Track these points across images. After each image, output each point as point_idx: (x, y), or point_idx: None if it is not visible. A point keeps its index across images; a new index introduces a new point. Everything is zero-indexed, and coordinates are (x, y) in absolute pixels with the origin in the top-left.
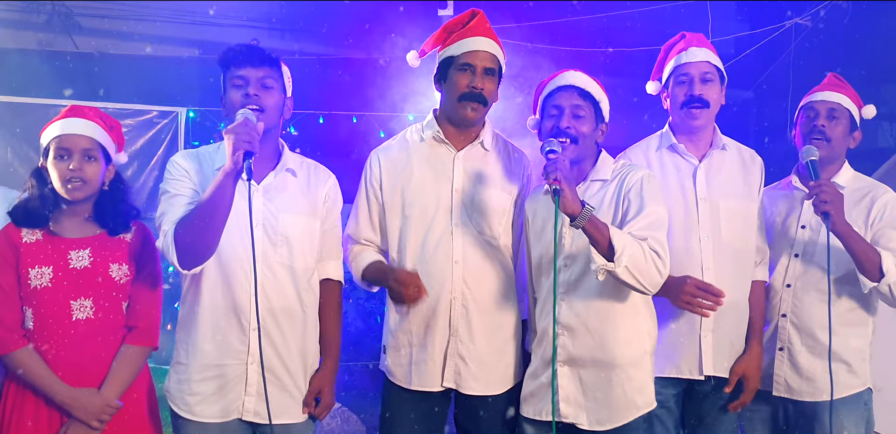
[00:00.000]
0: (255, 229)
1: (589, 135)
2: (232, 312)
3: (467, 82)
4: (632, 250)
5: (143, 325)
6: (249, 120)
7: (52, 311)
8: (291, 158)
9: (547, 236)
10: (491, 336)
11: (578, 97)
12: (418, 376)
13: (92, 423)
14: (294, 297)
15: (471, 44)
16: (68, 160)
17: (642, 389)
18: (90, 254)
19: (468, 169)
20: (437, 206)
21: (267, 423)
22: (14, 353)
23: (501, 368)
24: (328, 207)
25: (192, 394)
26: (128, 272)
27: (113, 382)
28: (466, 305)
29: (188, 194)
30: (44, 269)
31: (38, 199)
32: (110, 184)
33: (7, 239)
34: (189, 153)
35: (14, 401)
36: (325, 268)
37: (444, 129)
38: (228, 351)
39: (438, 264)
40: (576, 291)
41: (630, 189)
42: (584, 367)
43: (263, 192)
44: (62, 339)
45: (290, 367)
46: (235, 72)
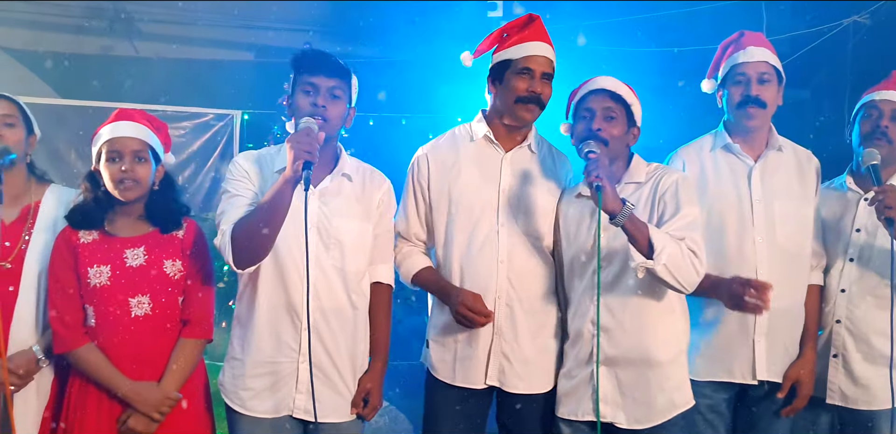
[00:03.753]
0: (310, 232)
1: (619, 137)
2: (285, 311)
3: (526, 86)
4: (671, 249)
5: (197, 319)
6: (311, 129)
7: (112, 308)
8: (348, 163)
9: (580, 238)
10: (535, 335)
11: (610, 100)
12: (462, 373)
13: (153, 415)
14: (345, 299)
15: (530, 48)
16: (120, 162)
17: (680, 388)
18: (144, 251)
19: (515, 170)
20: (484, 206)
21: (316, 421)
22: (77, 351)
23: (545, 367)
24: (381, 212)
25: (245, 389)
26: (181, 268)
27: (172, 375)
28: (511, 305)
29: (248, 195)
30: (102, 268)
31: (92, 201)
32: (160, 183)
33: (66, 240)
34: (250, 155)
35: (78, 396)
36: (377, 271)
37: (494, 129)
38: (281, 348)
39: (484, 263)
40: (612, 291)
41: (665, 191)
42: (620, 367)
43: (319, 196)
44: (122, 334)
45: (339, 366)
46: (308, 78)
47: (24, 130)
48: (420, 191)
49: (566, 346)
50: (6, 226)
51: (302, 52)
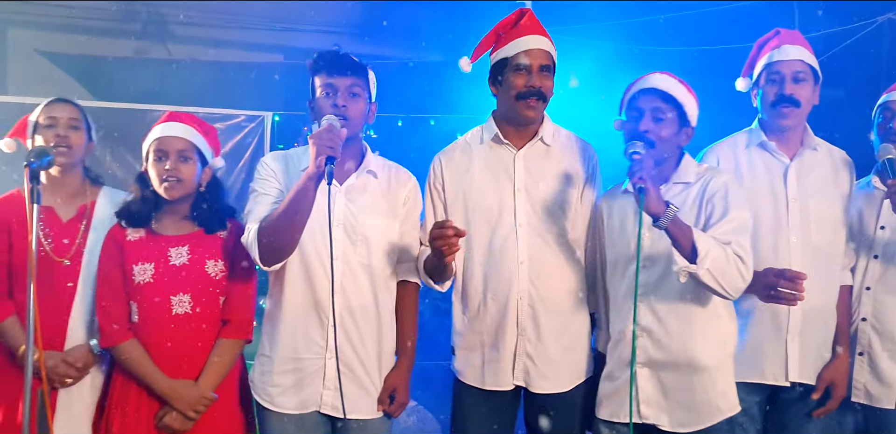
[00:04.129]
0: (336, 229)
1: (669, 138)
2: (312, 308)
3: (524, 82)
4: (715, 253)
5: (237, 319)
6: (333, 126)
7: (154, 305)
8: (374, 161)
9: (625, 236)
10: (559, 334)
11: (660, 100)
12: (491, 376)
13: (188, 413)
14: (371, 296)
15: (523, 43)
16: (165, 161)
17: (726, 394)
18: (188, 251)
19: (530, 167)
20: (501, 207)
21: (344, 418)
22: (121, 346)
23: (570, 365)
24: (408, 209)
25: (273, 385)
26: (223, 268)
27: (209, 375)
28: (533, 305)
29: (274, 194)
30: (146, 265)
31: (140, 200)
32: (207, 185)
33: (114, 238)
34: (278, 155)
35: (121, 390)
36: (404, 268)
37: (502, 129)
38: (308, 345)
39: (504, 265)
40: (655, 293)
41: (714, 193)
42: (664, 370)
43: (345, 193)
44: (162, 332)
45: (365, 363)
46: (325, 79)
47: (86, 135)
48: (437, 195)
49: (609, 347)
50: (63, 224)
51: (317, 54)
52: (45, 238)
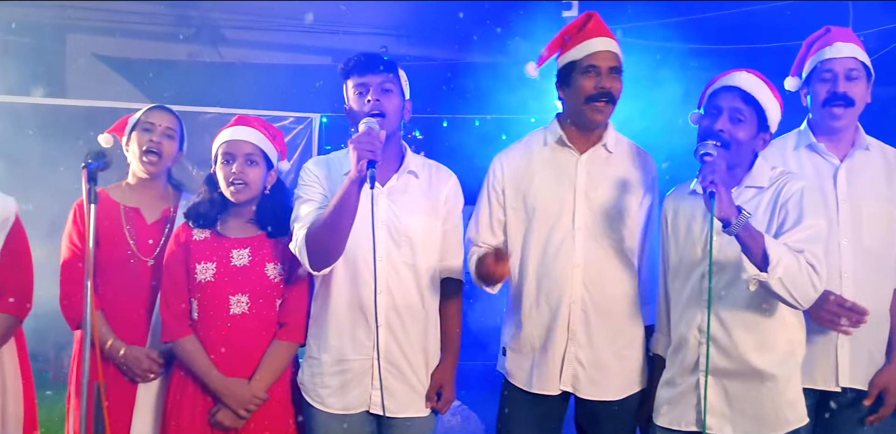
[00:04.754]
0: (380, 230)
1: (745, 141)
2: (358, 310)
3: (594, 84)
4: (787, 262)
5: (293, 323)
6: (372, 129)
7: (214, 304)
8: (413, 160)
9: (691, 240)
10: (612, 341)
11: (740, 100)
12: (539, 379)
13: (239, 411)
14: (416, 295)
15: (592, 45)
16: (232, 164)
17: (794, 404)
18: (249, 253)
19: (591, 172)
20: (560, 210)
21: (392, 416)
22: (180, 341)
23: (623, 374)
24: (449, 208)
25: (323, 386)
26: (282, 271)
27: (262, 375)
28: (586, 310)
29: (318, 199)
30: (208, 264)
31: (207, 202)
32: (272, 188)
33: (180, 236)
34: (320, 160)
35: (178, 386)
36: (447, 267)
37: (567, 132)
38: (356, 346)
39: (558, 268)
40: (722, 300)
41: (788, 199)
42: (729, 378)
43: (387, 194)
44: (220, 331)
45: (412, 362)
46: (357, 80)
47: (178, 145)
48: (495, 196)
49: (669, 352)
50: (148, 225)
51: (345, 59)
52: (131, 238)
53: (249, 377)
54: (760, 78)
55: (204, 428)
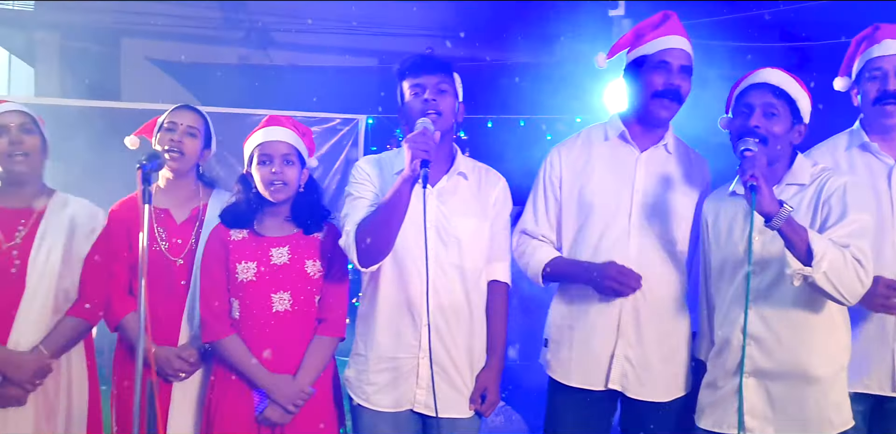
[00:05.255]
0: (428, 230)
1: (781, 135)
2: (405, 308)
3: (664, 80)
4: (832, 256)
5: (333, 318)
6: (427, 129)
7: (256, 302)
8: (464, 162)
9: (732, 240)
10: (661, 342)
11: (771, 95)
12: (579, 373)
13: (288, 406)
14: (462, 296)
15: (666, 42)
16: (270, 165)
17: (840, 407)
18: (288, 251)
19: (651, 171)
20: (617, 208)
21: (436, 416)
22: (222, 341)
23: (670, 376)
24: (498, 210)
25: (369, 383)
26: (320, 268)
27: (307, 370)
28: (637, 308)
29: (369, 197)
30: (249, 264)
31: (244, 202)
32: (305, 186)
33: (218, 238)
34: (371, 159)
35: (220, 385)
36: (494, 269)
37: (630, 129)
38: (402, 345)
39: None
40: (766, 299)
41: (831, 195)
42: (772, 380)
43: (437, 195)
44: (263, 328)
45: (457, 362)
46: (413, 80)
47: (202, 143)
48: (551, 189)
49: (712, 354)
50: (178, 225)
51: (402, 59)
52: (161, 239)
53: (294, 373)
54: (786, 72)
55: (250, 425)
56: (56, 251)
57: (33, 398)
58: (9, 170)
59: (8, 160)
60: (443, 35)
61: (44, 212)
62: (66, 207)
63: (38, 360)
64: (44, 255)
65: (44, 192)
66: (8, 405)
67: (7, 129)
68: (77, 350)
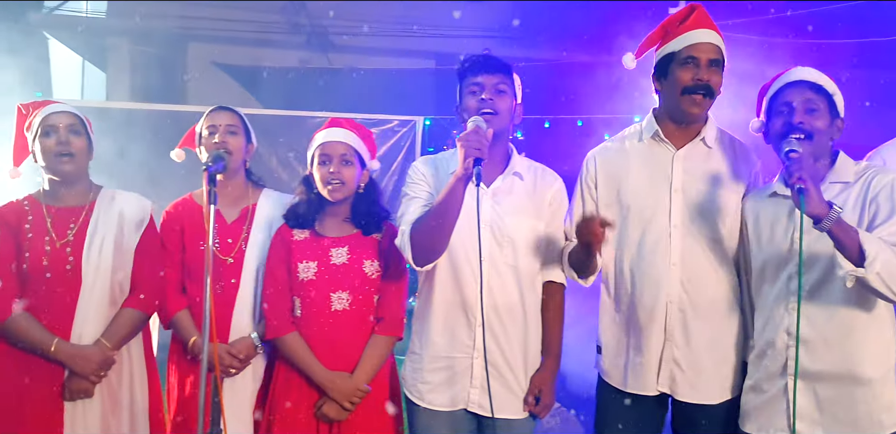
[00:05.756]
0: (483, 230)
1: (824, 131)
2: (460, 308)
3: (692, 76)
4: (885, 256)
5: (390, 317)
6: (480, 127)
7: (316, 301)
8: (519, 162)
9: (775, 240)
10: (711, 343)
11: (810, 92)
12: (633, 378)
13: (344, 403)
14: (517, 296)
15: (693, 36)
16: (329, 165)
17: (890, 408)
18: (348, 251)
19: (689, 168)
20: (655, 207)
21: (491, 416)
22: (284, 337)
23: (721, 377)
24: (553, 210)
25: (424, 382)
26: (378, 268)
27: (364, 368)
28: (684, 310)
29: (425, 197)
30: (310, 263)
31: (305, 203)
32: (365, 187)
33: (281, 237)
34: (428, 159)
35: (283, 380)
36: (549, 270)
37: (664, 127)
38: (456, 344)
39: (655, 266)
40: (812, 300)
41: (879, 192)
42: (820, 382)
43: (492, 195)
44: (322, 327)
45: (511, 363)
46: (472, 79)
47: (244, 139)
48: (588, 192)
49: (753, 357)
50: (228, 225)
51: (463, 58)
52: (213, 238)
53: (351, 371)
54: (816, 71)
55: (309, 420)
56: (107, 245)
57: (99, 390)
58: (55, 170)
59: (55, 160)
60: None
61: (92, 208)
62: (114, 201)
63: (101, 352)
64: (96, 250)
65: (91, 189)
66: (77, 398)
67: (56, 129)
68: (136, 342)
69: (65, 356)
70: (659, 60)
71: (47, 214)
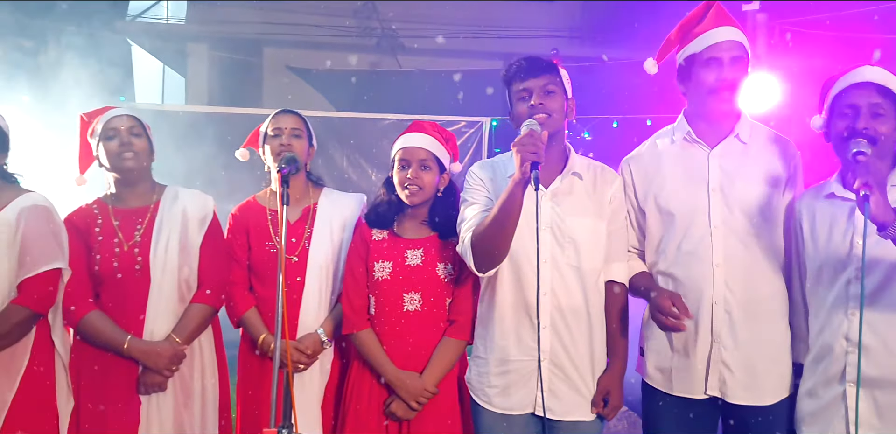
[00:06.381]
0: (544, 232)
1: (889, 135)
2: (523, 311)
3: (716, 76)
4: None
5: (461, 321)
6: (535, 131)
7: (389, 300)
8: (577, 161)
9: (833, 243)
10: (760, 343)
11: (877, 95)
12: (680, 382)
13: (411, 403)
14: (581, 297)
15: (712, 36)
16: (407, 169)
17: None
18: (422, 253)
19: (725, 166)
20: (694, 208)
21: (558, 419)
22: (359, 334)
23: (773, 378)
24: (614, 208)
25: (489, 386)
26: (452, 271)
27: (433, 370)
28: (730, 311)
29: (483, 202)
30: (385, 263)
31: (386, 204)
32: (444, 191)
33: (361, 236)
34: (485, 163)
35: (356, 375)
36: (611, 269)
37: (695, 127)
38: (520, 347)
39: (697, 268)
40: (872, 305)
41: None
42: (880, 388)
43: (551, 196)
44: (394, 326)
45: (577, 365)
46: (519, 85)
47: (307, 142)
48: (628, 201)
49: (809, 361)
50: (291, 225)
51: (506, 65)
52: (277, 238)
53: (420, 371)
54: (885, 69)
55: (380, 417)
56: (173, 243)
57: (172, 384)
58: (119, 168)
59: (117, 158)
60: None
61: (157, 208)
62: (177, 200)
63: (172, 347)
64: (162, 248)
65: (154, 189)
66: (151, 391)
67: (118, 131)
68: (206, 337)
69: (138, 353)
70: (682, 62)
71: (114, 217)
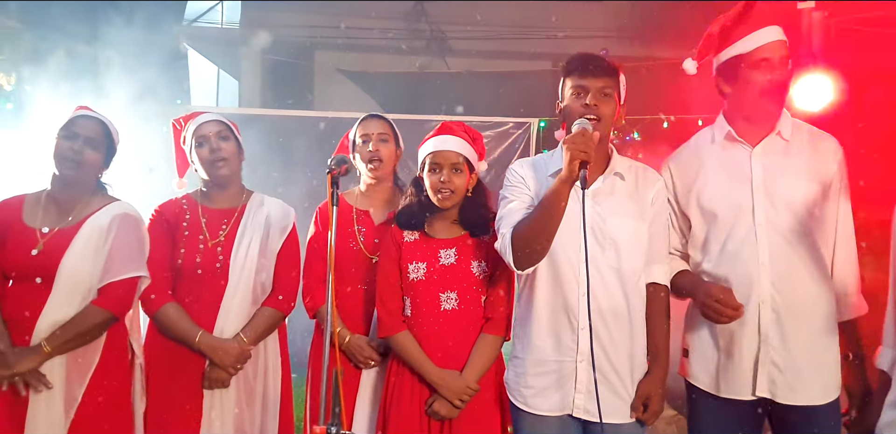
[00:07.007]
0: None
1: None
2: (563, 312)
3: (769, 77)
4: None
5: (498, 317)
6: (587, 130)
7: (425, 301)
8: (620, 162)
9: None
10: (810, 342)
11: None
12: (726, 383)
13: (454, 401)
14: (621, 299)
15: (761, 36)
16: (439, 173)
17: None
18: (456, 252)
19: (768, 164)
20: (739, 208)
21: (597, 421)
22: (396, 336)
23: (824, 377)
24: (656, 210)
25: (527, 387)
26: (486, 269)
27: (473, 367)
28: (777, 310)
29: (524, 199)
30: (419, 264)
31: (416, 205)
32: (473, 190)
33: (393, 238)
34: (525, 161)
35: (396, 377)
36: (653, 271)
37: (736, 127)
38: (560, 348)
39: (743, 267)
40: None
41: None
42: None
43: (592, 196)
44: (432, 326)
45: (617, 367)
46: (577, 81)
47: (395, 146)
48: (671, 203)
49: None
50: (375, 226)
51: (571, 57)
52: (360, 237)
53: (461, 369)
54: None
55: (421, 417)
56: (254, 247)
57: (235, 381)
58: (212, 174)
59: (211, 166)
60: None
61: (243, 211)
62: (263, 207)
63: (239, 346)
64: (243, 251)
65: (243, 193)
66: (214, 387)
67: (207, 138)
68: (273, 339)
69: (207, 348)
70: (724, 62)
71: (202, 214)
